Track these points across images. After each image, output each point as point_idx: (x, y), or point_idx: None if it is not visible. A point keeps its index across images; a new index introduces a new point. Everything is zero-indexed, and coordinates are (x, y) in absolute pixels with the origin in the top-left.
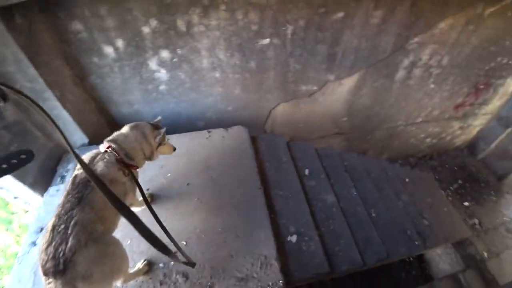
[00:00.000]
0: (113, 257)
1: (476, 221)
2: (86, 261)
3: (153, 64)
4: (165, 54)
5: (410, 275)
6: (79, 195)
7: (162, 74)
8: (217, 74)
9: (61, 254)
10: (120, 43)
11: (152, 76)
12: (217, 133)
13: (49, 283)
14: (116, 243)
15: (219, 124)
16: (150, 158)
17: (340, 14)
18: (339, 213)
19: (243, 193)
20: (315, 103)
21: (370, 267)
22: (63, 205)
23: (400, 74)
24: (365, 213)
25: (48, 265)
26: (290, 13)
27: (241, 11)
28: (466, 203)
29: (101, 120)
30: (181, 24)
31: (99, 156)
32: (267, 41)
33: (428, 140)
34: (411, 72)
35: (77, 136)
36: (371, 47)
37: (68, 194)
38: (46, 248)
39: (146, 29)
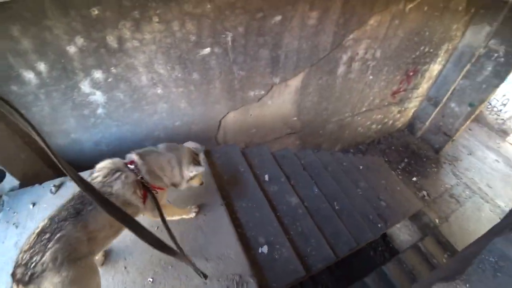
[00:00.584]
0: (83, 286)
1: (425, 193)
2: (53, 283)
3: (85, 86)
4: (98, 74)
5: (377, 251)
6: (79, 208)
7: (98, 96)
8: (159, 90)
9: (32, 265)
10: (42, 67)
11: (87, 100)
12: None
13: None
14: (93, 271)
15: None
16: (176, 186)
17: (278, 18)
18: (305, 213)
19: (205, 213)
20: (264, 107)
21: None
22: (60, 211)
23: (341, 69)
24: (329, 207)
25: (18, 270)
26: (228, 20)
27: (176, 22)
28: (414, 179)
29: (33, 157)
30: (112, 41)
31: (119, 173)
32: (208, 50)
33: (373, 126)
34: (351, 67)
35: (4, 179)
36: (311, 47)
37: (71, 200)
38: (25, 251)
39: (72, 49)
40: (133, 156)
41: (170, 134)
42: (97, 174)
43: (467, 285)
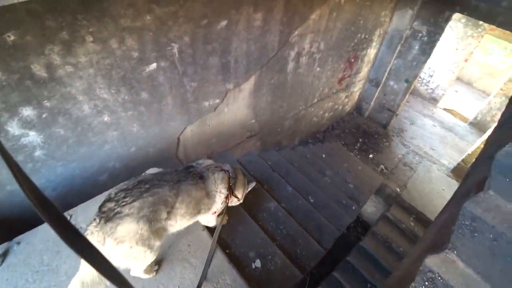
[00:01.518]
0: (145, 249)
1: (382, 166)
2: (129, 230)
3: (14, 128)
4: (28, 111)
5: (350, 228)
6: (181, 178)
7: (32, 137)
8: (106, 118)
9: (122, 204)
10: None
11: (19, 143)
12: None
13: (95, 216)
14: (160, 238)
15: (126, 171)
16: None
17: (224, 23)
18: (285, 215)
19: (190, 241)
20: (221, 115)
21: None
22: (164, 174)
23: (291, 66)
24: (306, 203)
25: (108, 204)
26: (172, 31)
27: (114, 39)
28: (370, 156)
29: None
30: (38, 70)
31: (219, 169)
32: (154, 66)
33: (326, 114)
34: (299, 62)
35: None
36: (260, 48)
37: (176, 171)
38: (123, 190)
39: None
40: (225, 166)
41: (127, 162)
42: (203, 161)
43: (455, 252)
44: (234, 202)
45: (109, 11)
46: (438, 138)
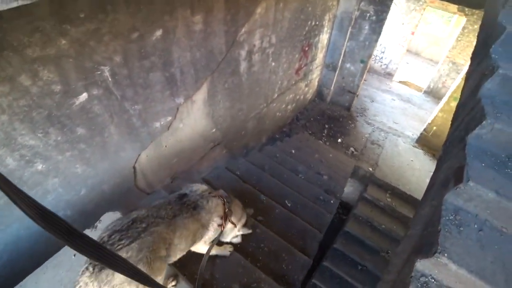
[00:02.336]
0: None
1: (352, 149)
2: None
3: None
4: None
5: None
6: (176, 213)
7: None
8: (40, 166)
9: (118, 247)
10: None
11: None
12: None
13: (88, 264)
14: (159, 278)
15: (82, 216)
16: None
17: (158, 32)
18: (264, 231)
19: None
20: (178, 133)
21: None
22: (159, 208)
23: (243, 66)
24: (283, 210)
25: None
26: (97, 53)
27: (24, 75)
28: (339, 140)
29: None
30: None
31: (213, 196)
32: (84, 96)
33: (289, 107)
34: (252, 60)
35: None
36: (206, 53)
37: (169, 203)
38: (117, 231)
39: None
40: (219, 192)
41: (80, 207)
42: (196, 188)
43: (446, 255)
44: (230, 231)
45: (7, 41)
46: (399, 111)
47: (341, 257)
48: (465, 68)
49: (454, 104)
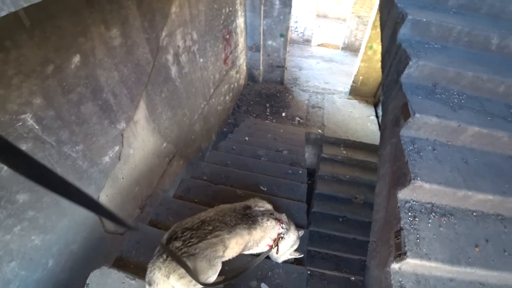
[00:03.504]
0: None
1: (297, 118)
2: (193, 266)
3: None
4: None
5: None
6: (238, 222)
7: None
8: None
9: (189, 245)
10: None
11: None
12: None
13: (162, 252)
14: (214, 275)
15: None
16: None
17: (76, 59)
18: None
19: None
20: (130, 159)
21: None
22: (224, 214)
23: (174, 70)
24: (262, 196)
25: (176, 243)
26: (9, 101)
27: None
28: (283, 114)
29: None
30: None
31: (274, 218)
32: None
33: (227, 98)
34: (180, 62)
35: None
36: (134, 68)
37: (234, 211)
38: (188, 229)
39: None
40: (283, 215)
41: (54, 280)
42: (262, 205)
43: (419, 179)
44: (281, 254)
45: None
46: (326, 72)
47: (322, 217)
48: (371, 19)
49: (370, 52)
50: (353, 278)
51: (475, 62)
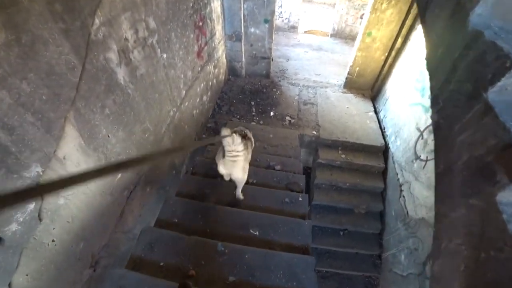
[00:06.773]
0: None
1: (288, 118)
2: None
3: None
4: None
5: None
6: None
7: None
8: None
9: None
10: None
11: None
12: None
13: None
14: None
15: None
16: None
17: None
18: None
19: None
20: (63, 210)
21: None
22: (246, 142)
23: (121, 73)
24: (255, 250)
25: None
26: None
27: None
28: (271, 114)
29: None
30: None
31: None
32: None
33: (204, 98)
34: (132, 61)
35: None
36: (44, 79)
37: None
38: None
39: None
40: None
41: None
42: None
43: None
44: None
45: None
46: (316, 61)
47: (321, 231)
48: (370, 1)
49: (369, 40)
50: None
51: None
